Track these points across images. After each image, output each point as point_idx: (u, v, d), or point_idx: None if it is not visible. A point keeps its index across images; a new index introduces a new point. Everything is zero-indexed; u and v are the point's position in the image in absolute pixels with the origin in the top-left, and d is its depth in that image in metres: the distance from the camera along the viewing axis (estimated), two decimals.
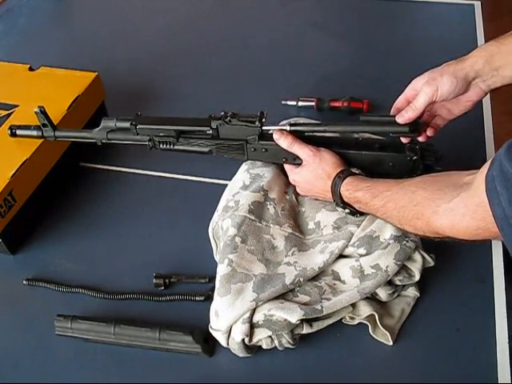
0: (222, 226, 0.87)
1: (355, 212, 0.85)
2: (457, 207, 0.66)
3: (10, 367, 0.82)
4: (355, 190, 0.81)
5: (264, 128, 0.89)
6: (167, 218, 1.00)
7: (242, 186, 0.92)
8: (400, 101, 0.87)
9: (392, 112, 0.88)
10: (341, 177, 0.84)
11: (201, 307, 0.84)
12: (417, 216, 0.72)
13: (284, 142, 0.88)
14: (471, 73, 0.81)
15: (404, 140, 0.87)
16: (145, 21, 1.53)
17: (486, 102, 1.18)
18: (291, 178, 0.92)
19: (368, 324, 0.81)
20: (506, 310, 0.83)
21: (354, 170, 0.86)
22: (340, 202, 0.84)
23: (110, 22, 1.55)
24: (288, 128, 0.89)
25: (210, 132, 0.91)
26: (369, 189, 0.80)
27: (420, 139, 0.87)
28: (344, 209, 0.85)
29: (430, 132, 0.88)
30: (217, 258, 0.88)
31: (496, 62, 0.80)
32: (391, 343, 0.80)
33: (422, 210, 0.70)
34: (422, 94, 0.82)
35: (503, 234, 0.59)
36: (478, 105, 1.16)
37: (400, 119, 0.84)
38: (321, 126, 0.89)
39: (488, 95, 1.18)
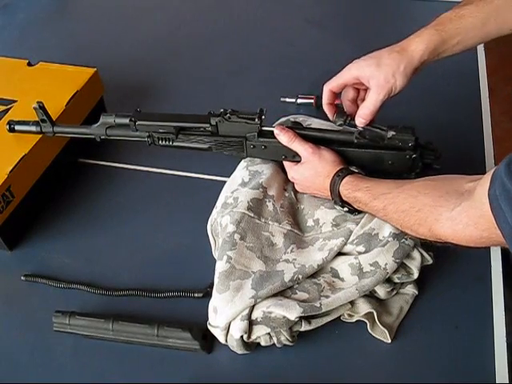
0: (221, 222, 0.87)
1: (354, 210, 0.85)
2: (459, 216, 0.66)
3: (7, 363, 0.82)
4: (355, 189, 0.81)
5: (264, 129, 0.90)
6: (166, 214, 1.00)
7: (241, 182, 0.91)
8: (337, 86, 0.89)
9: (325, 96, 0.90)
10: (340, 175, 0.84)
11: (199, 304, 0.84)
12: (419, 222, 0.72)
13: (284, 137, 0.88)
14: (419, 66, 0.83)
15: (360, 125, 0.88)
16: (144, 16, 1.53)
17: (485, 101, 1.18)
18: (290, 175, 0.92)
19: (366, 321, 0.81)
20: (503, 308, 0.83)
21: (353, 169, 0.86)
22: (339, 200, 0.84)
23: (109, 17, 1.55)
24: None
25: (210, 129, 0.91)
26: (369, 189, 0.79)
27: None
28: (342, 207, 0.85)
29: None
30: (215, 254, 0.88)
31: (439, 50, 0.83)
32: (389, 341, 0.80)
33: (424, 216, 0.71)
34: (379, 96, 0.83)
35: None
36: (477, 104, 1.17)
37: (361, 123, 0.86)
38: (317, 132, 0.90)
39: (486, 95, 1.19)
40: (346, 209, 0.85)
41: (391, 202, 0.75)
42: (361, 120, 0.86)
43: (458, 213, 0.66)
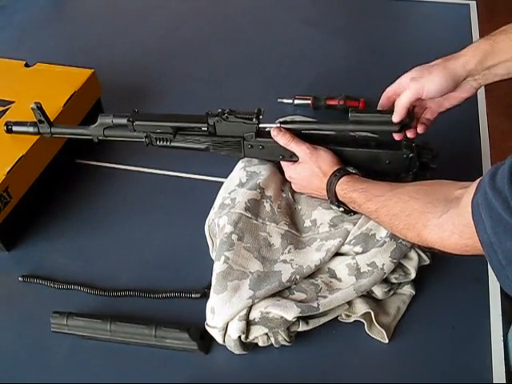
0: (219, 223, 0.87)
1: (349, 211, 0.85)
2: (445, 224, 0.67)
3: (5, 364, 0.82)
4: (350, 190, 0.82)
5: (261, 125, 0.90)
6: (163, 215, 1.00)
7: (239, 183, 0.92)
8: (386, 95, 0.88)
9: (379, 105, 0.89)
10: (337, 175, 0.84)
11: (197, 304, 0.84)
12: (407, 227, 0.72)
13: (281, 139, 0.88)
14: (462, 72, 0.80)
15: (397, 137, 0.87)
16: (141, 17, 1.53)
17: (481, 101, 1.19)
18: (287, 175, 0.92)
19: (364, 322, 0.81)
20: (500, 308, 0.83)
21: (351, 170, 0.86)
22: (335, 200, 0.85)
23: (106, 18, 1.55)
24: (278, 125, 0.89)
25: (207, 129, 0.91)
26: (363, 191, 0.80)
27: (409, 135, 0.87)
28: (338, 207, 0.85)
29: (420, 129, 0.87)
30: (213, 255, 0.88)
31: (489, 61, 0.79)
32: (387, 341, 0.80)
33: (413, 221, 0.71)
34: (406, 92, 0.82)
35: (489, 259, 0.60)
36: (473, 104, 1.18)
37: (395, 120, 0.84)
38: (311, 124, 0.90)
39: (483, 96, 1.20)
40: (341, 209, 0.85)
41: (384, 204, 0.76)
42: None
43: (444, 220, 0.67)
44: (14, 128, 0.98)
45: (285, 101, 1.19)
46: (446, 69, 0.80)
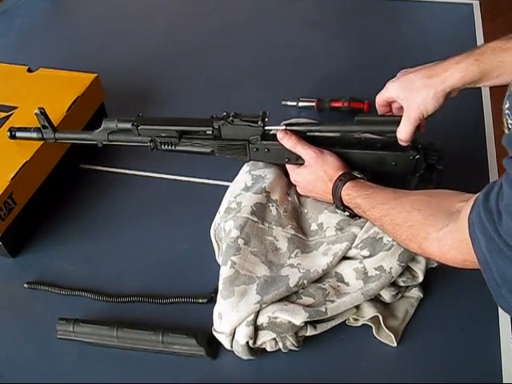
0: (225, 227, 0.87)
1: (355, 215, 0.85)
2: (445, 238, 0.67)
3: (11, 371, 0.81)
4: (355, 195, 0.82)
5: (266, 128, 0.89)
6: (168, 219, 1.00)
7: (244, 187, 0.91)
8: (379, 103, 0.88)
9: (377, 109, 0.90)
10: (342, 180, 0.84)
11: (204, 309, 0.83)
12: (409, 238, 0.73)
13: (288, 142, 0.88)
14: (452, 91, 0.79)
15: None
16: (144, 21, 1.53)
17: (486, 101, 1.19)
18: (292, 178, 0.92)
19: (372, 325, 0.80)
20: None
21: (356, 174, 0.86)
22: (340, 204, 0.84)
23: (109, 22, 1.55)
24: (284, 128, 0.89)
25: (212, 132, 0.91)
26: (368, 197, 0.80)
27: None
28: (344, 211, 0.85)
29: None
30: (219, 260, 0.87)
31: (476, 82, 0.78)
32: (395, 344, 0.80)
33: (415, 233, 0.72)
34: (409, 122, 0.81)
35: (486, 277, 0.62)
36: (479, 103, 1.17)
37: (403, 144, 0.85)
38: (316, 126, 0.89)
39: (487, 93, 1.19)
40: (346, 213, 0.85)
41: (387, 213, 0.76)
42: (402, 142, 0.84)
43: (444, 234, 0.67)
44: (18, 134, 0.97)
45: (289, 103, 1.19)
46: (439, 92, 0.79)
